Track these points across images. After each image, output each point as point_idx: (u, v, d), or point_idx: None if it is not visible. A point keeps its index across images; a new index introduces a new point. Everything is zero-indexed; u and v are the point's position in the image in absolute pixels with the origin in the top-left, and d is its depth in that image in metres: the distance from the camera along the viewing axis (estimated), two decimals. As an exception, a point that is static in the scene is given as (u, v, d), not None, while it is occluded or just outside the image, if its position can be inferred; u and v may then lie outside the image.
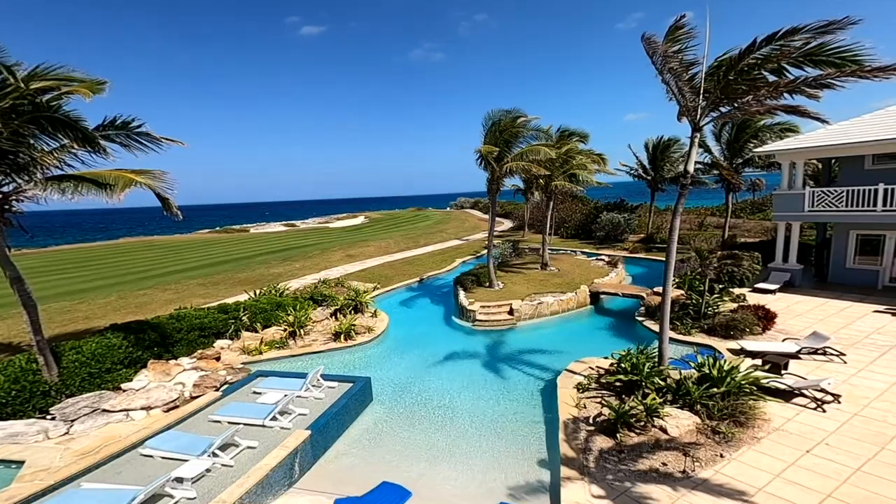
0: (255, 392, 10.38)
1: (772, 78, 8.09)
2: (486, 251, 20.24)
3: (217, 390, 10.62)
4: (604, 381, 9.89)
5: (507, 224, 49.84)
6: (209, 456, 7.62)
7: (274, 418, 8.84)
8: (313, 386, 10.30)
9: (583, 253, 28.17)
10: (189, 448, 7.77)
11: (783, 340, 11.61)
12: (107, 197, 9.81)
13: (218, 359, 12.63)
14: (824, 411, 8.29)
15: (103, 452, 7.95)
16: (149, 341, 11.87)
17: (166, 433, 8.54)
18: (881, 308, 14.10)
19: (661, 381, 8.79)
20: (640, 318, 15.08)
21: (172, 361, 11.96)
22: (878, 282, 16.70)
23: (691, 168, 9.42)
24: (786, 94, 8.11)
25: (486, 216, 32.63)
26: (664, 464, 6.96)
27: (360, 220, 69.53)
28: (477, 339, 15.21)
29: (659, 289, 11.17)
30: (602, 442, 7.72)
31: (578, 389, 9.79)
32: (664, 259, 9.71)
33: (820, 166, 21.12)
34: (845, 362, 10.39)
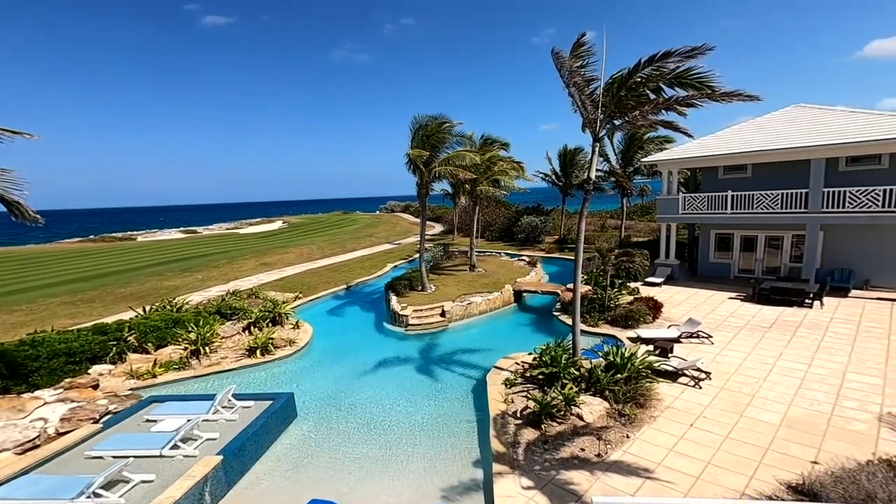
0: (148, 420, 9.19)
1: (653, 96, 9.31)
2: (418, 255, 20.20)
3: (96, 422, 9.21)
4: (528, 375, 10.47)
5: (438, 227, 50.38)
6: (88, 497, 6.52)
7: (175, 446, 7.91)
8: (224, 407, 9.40)
9: (506, 254, 29.61)
10: (56, 492, 6.56)
11: (668, 327, 13.47)
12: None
13: (96, 387, 10.96)
14: (700, 388, 9.70)
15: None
16: (-10, 374, 9.77)
17: (22, 479, 7.13)
18: (733, 295, 17.11)
19: (576, 372, 9.62)
20: (556, 313, 16.31)
21: (28, 395, 10.07)
22: (730, 273, 20.26)
23: (593, 175, 10.50)
24: (663, 111, 9.42)
25: (418, 220, 32.69)
26: (582, 449, 7.59)
27: (276, 224, 64.78)
28: (410, 343, 15.11)
29: (571, 285, 12.23)
30: (529, 434, 8.17)
31: (506, 385, 10.24)
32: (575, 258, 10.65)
33: (689, 174, 25.10)
34: (713, 343, 12.34)
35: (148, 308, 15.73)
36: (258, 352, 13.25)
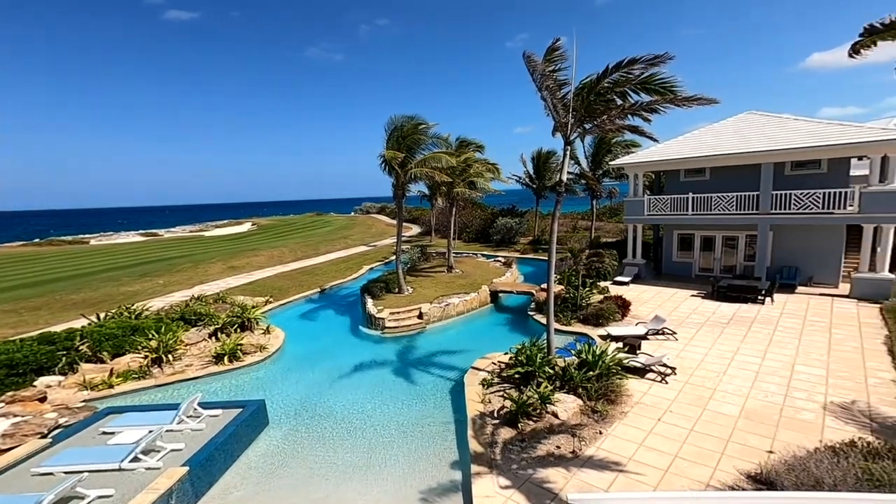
0: (104, 432, 8.72)
1: (620, 101, 9.67)
2: (394, 257, 20.01)
3: (44, 437, 8.67)
4: (505, 374, 10.61)
5: (415, 229, 50.07)
6: (37, 515, 6.07)
7: (136, 459, 7.54)
8: (189, 417, 9.02)
9: (483, 255, 29.94)
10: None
11: (636, 324, 13.99)
12: None
13: (43, 399, 10.31)
14: (667, 383, 10.14)
15: None
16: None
17: (-45, 502, 6.59)
18: (695, 293, 18.02)
19: (550, 370, 9.83)
20: (531, 313, 16.66)
21: (-40, 412, 9.27)
22: (692, 272, 21.32)
23: (565, 177, 10.78)
24: (629, 116, 9.81)
25: (394, 221, 32.46)
26: (558, 447, 7.77)
27: (245, 226, 62.49)
28: (386, 346, 14.94)
29: (545, 285, 12.49)
30: (506, 433, 8.27)
31: (483, 385, 10.34)
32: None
33: (654, 177, 26.21)
34: (677, 339, 12.94)
35: (103, 315, 14.85)
36: (226, 358, 12.75)
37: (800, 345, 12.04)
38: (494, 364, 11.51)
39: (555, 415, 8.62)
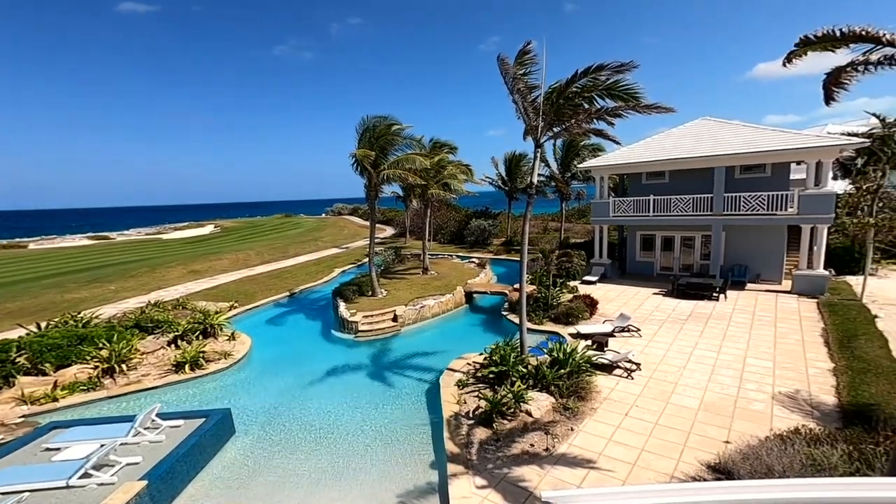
0: (48, 449, 8.16)
1: (587, 105, 10.00)
2: (368, 259, 19.70)
3: None
4: (479, 374, 10.70)
5: (389, 231, 49.29)
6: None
7: (86, 475, 7.08)
8: (147, 428, 8.58)
9: (458, 256, 30.07)
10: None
11: (604, 322, 14.49)
12: None
13: None
14: (632, 378, 10.56)
15: None
16: None
17: None
18: (657, 291, 18.88)
19: (524, 369, 9.98)
20: (505, 313, 16.90)
21: None
22: (653, 271, 22.32)
23: (535, 180, 11.02)
24: (595, 120, 10.17)
25: (367, 223, 31.99)
26: (532, 444, 7.91)
27: (208, 229, 59.38)
28: (360, 350, 14.68)
29: (518, 286, 12.70)
30: (482, 433, 8.34)
31: (459, 386, 10.38)
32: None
33: (618, 180, 27.26)
34: (641, 336, 13.49)
35: (44, 324, 13.75)
36: (187, 367, 12.15)
37: (750, 339, 12.84)
38: (470, 364, 11.58)
39: (528, 413, 8.77)
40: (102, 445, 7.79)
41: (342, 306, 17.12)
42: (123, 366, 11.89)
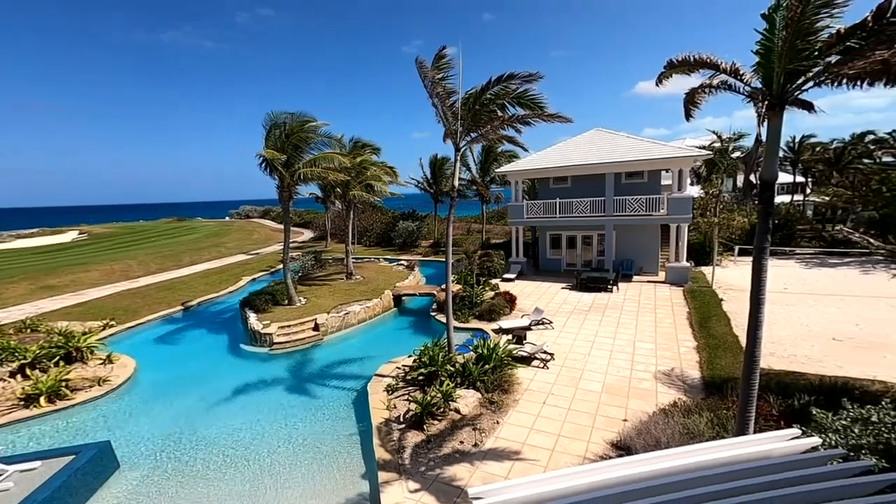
0: None
1: (500, 112, 10.63)
2: (282, 265, 18.23)
3: None
4: (409, 377, 10.72)
5: (307, 234, 45.86)
6: None
7: None
8: None
9: (385, 259, 29.43)
10: None
11: (522, 317, 15.47)
12: None
13: None
14: (548, 368, 11.52)
15: None
16: None
17: None
18: (564, 285, 20.80)
19: (452, 368, 10.28)
20: (433, 313, 17.13)
21: None
22: (561, 267, 24.52)
23: (456, 183, 11.37)
24: (507, 127, 10.85)
25: (281, 226, 29.37)
26: (461, 442, 8.22)
27: (69, 236, 49.19)
28: (277, 363, 13.63)
29: (445, 286, 12.95)
30: (413, 437, 8.41)
31: (388, 391, 10.28)
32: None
33: (531, 184, 29.24)
34: (553, 328, 14.77)
35: None
36: (42, 399, 10.28)
37: (637, 324, 14.81)
38: (399, 368, 11.55)
39: (457, 411, 9.08)
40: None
41: (253, 318, 15.75)
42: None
